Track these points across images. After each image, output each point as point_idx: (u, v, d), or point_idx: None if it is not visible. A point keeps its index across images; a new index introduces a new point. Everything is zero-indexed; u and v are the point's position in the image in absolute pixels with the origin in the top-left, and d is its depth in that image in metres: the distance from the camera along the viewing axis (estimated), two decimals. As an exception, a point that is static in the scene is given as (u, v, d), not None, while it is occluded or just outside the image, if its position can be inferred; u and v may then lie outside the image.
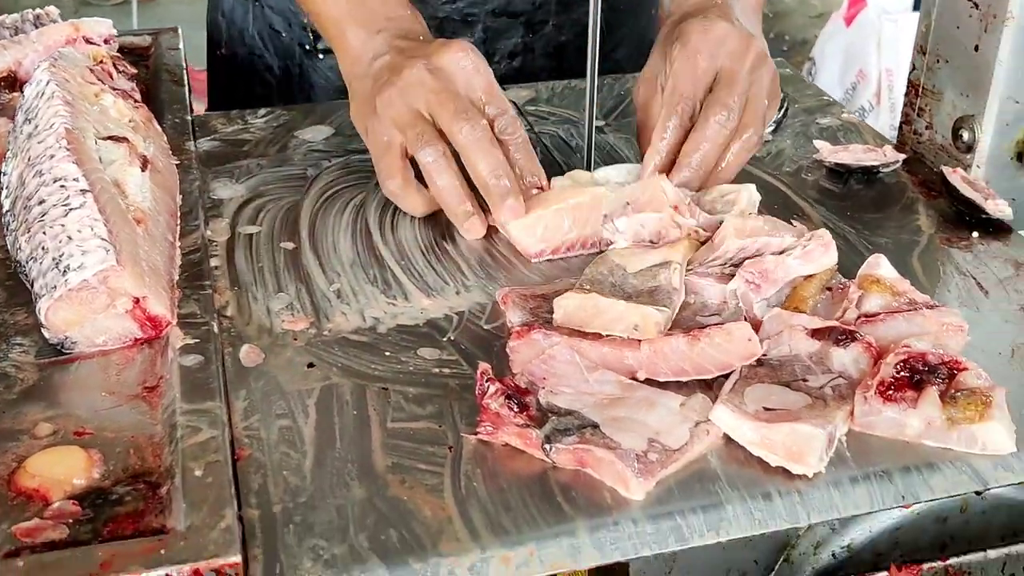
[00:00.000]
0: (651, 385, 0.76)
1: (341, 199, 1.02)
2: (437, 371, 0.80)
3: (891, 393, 0.73)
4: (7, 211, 0.88)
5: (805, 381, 0.76)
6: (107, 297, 0.79)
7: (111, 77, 1.06)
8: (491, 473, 0.70)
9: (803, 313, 0.81)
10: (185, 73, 1.24)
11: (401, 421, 0.75)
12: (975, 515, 0.78)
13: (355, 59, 1.02)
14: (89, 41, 1.12)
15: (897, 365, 0.74)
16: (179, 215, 0.94)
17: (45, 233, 0.81)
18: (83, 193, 0.82)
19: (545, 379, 0.75)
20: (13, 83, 1.07)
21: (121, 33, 1.22)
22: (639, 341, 0.77)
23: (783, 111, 1.17)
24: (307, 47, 1.32)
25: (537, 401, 0.73)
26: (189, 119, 1.12)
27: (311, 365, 0.80)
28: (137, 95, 1.07)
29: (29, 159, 0.87)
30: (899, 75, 3.45)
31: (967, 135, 1.02)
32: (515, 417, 0.70)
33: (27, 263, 0.82)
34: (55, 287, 0.78)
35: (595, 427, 0.71)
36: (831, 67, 3.68)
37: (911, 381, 0.74)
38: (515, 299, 0.85)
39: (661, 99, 1.00)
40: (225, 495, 0.65)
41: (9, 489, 0.68)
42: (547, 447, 0.69)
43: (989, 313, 0.87)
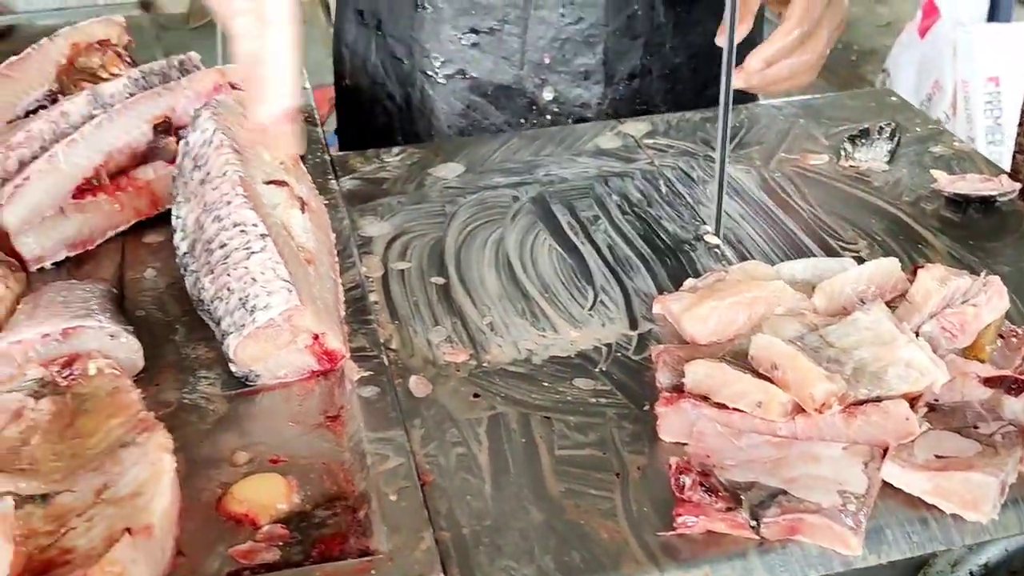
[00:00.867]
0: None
1: (481, 234, 1.08)
2: (594, 401, 0.85)
3: None
4: (185, 253, 0.94)
5: (976, 428, 0.78)
6: (290, 334, 0.85)
7: (257, 120, 1.12)
8: (659, 498, 0.75)
9: (982, 361, 0.84)
10: (316, 112, 1.31)
11: (567, 448, 0.80)
12: (1114, 534, 0.81)
13: None
14: (235, 86, 1.19)
15: None
16: (336, 253, 1.01)
17: (230, 275, 0.87)
18: (263, 237, 0.88)
19: (708, 456, 0.76)
20: (168, 128, 1.14)
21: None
22: (793, 415, 0.78)
23: (896, 141, 1.20)
24: (429, 73, 1.37)
25: (719, 480, 0.74)
26: (328, 158, 1.18)
27: (477, 395, 0.86)
28: (282, 137, 1.13)
29: (205, 205, 0.94)
30: (975, 86, 3.45)
31: (1084, 164, 1.06)
32: (716, 504, 0.72)
33: (211, 302, 0.89)
34: (243, 325, 0.85)
35: (784, 493, 0.73)
36: (906, 78, 3.68)
37: None
38: (667, 359, 0.86)
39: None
40: (421, 518, 0.71)
41: (219, 514, 0.75)
42: (755, 525, 0.71)
43: (1118, 340, 0.90)
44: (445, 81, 1.38)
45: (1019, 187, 1.10)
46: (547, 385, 0.87)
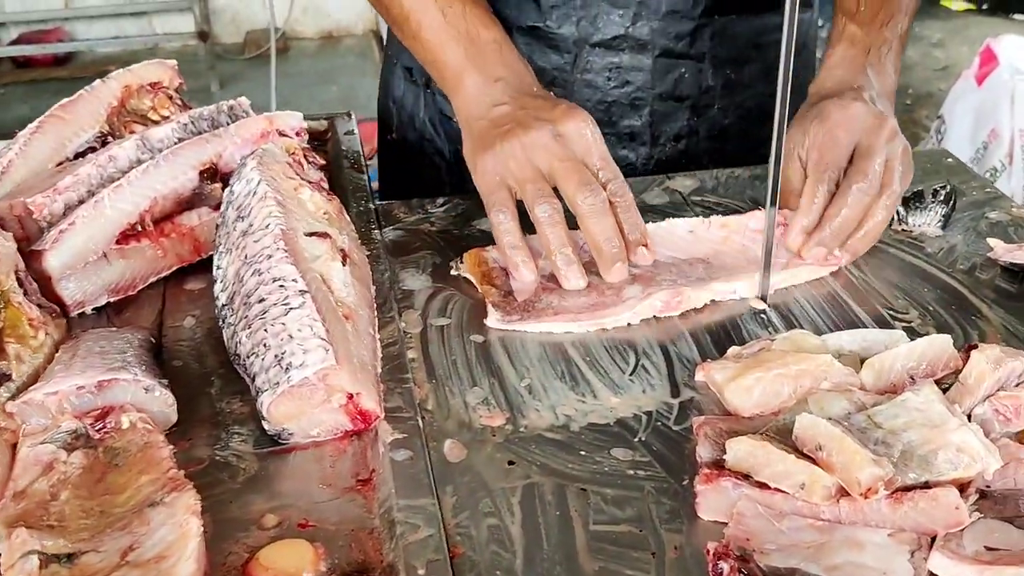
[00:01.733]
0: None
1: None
2: (632, 472, 0.83)
3: None
4: (224, 305, 0.94)
5: None
6: (324, 393, 0.84)
7: (303, 168, 1.12)
8: (695, 581, 0.73)
9: None
10: (363, 159, 1.30)
11: (603, 524, 0.78)
12: None
13: (473, 103, 1.13)
14: (282, 134, 1.19)
15: None
16: (375, 307, 1.00)
17: (267, 331, 0.86)
18: (302, 294, 0.87)
19: (748, 540, 0.74)
20: (215, 174, 1.14)
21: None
22: (838, 498, 0.75)
23: (951, 204, 1.17)
24: None
25: (759, 566, 0.72)
26: (373, 207, 1.18)
27: (511, 463, 0.84)
28: (327, 185, 1.13)
29: (246, 257, 0.93)
30: (1032, 135, 3.39)
31: None
32: None
33: (247, 358, 0.88)
34: (278, 383, 0.84)
35: None
36: (962, 126, 3.63)
37: None
38: (707, 431, 0.84)
39: (800, 169, 1.11)
40: (449, 596, 0.69)
41: (244, 579, 0.73)
42: None
43: None
44: None
45: (1079, 258, 1.07)
46: (584, 454, 0.85)
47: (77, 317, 1.03)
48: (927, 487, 0.75)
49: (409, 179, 1.47)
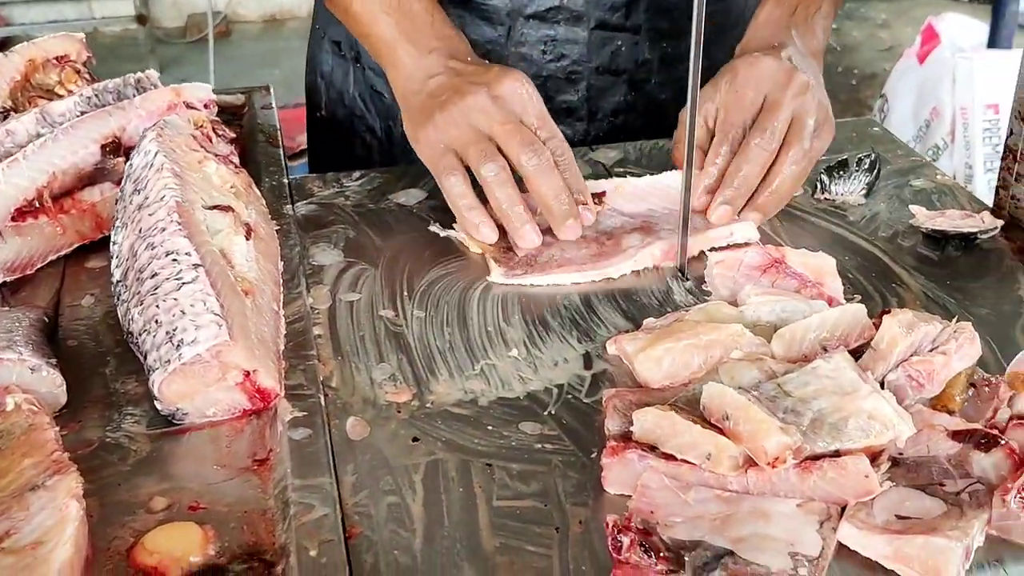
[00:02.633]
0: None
1: (436, 265, 1.03)
2: (540, 447, 0.80)
3: None
4: (119, 281, 0.90)
5: (942, 485, 0.73)
6: (219, 371, 0.81)
7: (211, 142, 1.08)
8: (599, 557, 0.70)
9: (952, 412, 0.79)
10: (279, 133, 1.26)
11: (507, 499, 0.75)
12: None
13: (408, 76, 1.12)
14: (190, 106, 1.15)
15: None
16: (281, 283, 0.96)
17: (158, 306, 0.83)
18: (195, 267, 0.84)
19: (652, 512, 0.71)
20: (117, 148, 1.10)
21: (215, 92, 1.25)
22: (745, 469, 0.73)
23: (875, 173, 1.16)
24: None
25: (662, 539, 0.69)
26: (286, 182, 1.14)
27: (416, 439, 0.81)
28: (236, 159, 1.09)
29: (140, 231, 0.89)
30: (973, 113, 3.41)
31: (1069, 202, 1.01)
32: (656, 565, 0.67)
33: (140, 335, 0.84)
34: (169, 361, 0.80)
35: (731, 554, 0.68)
36: (904, 104, 3.64)
37: None
38: (617, 404, 0.81)
39: (708, 129, 1.11)
40: (340, 577, 0.66)
41: (128, 565, 0.70)
42: None
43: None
44: None
45: (1001, 224, 1.06)
46: (491, 429, 0.82)
47: (-30, 297, 0.99)
48: (837, 455, 0.73)
49: (339, 158, 1.43)
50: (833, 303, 0.93)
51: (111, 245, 0.94)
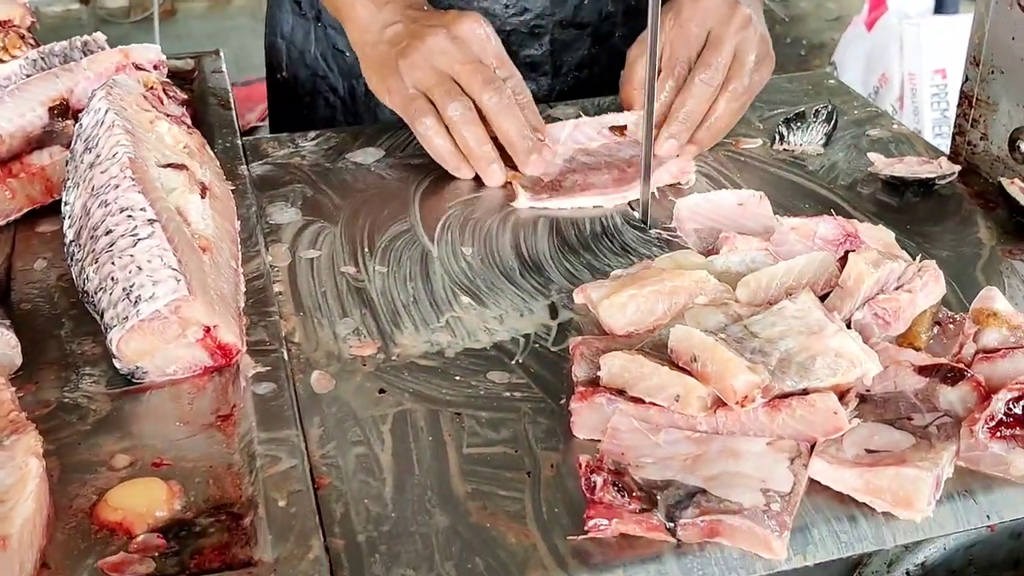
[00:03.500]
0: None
1: (398, 221, 1.02)
2: (508, 395, 0.80)
3: (1001, 430, 0.71)
4: (71, 241, 0.88)
5: (910, 420, 0.74)
6: (178, 327, 0.79)
7: (162, 103, 1.06)
8: (572, 499, 0.70)
9: (918, 349, 0.79)
10: (231, 96, 1.24)
11: (477, 446, 0.75)
12: (1053, 532, 0.78)
13: (365, 28, 1.14)
14: (139, 67, 1.13)
15: (1010, 402, 0.72)
16: (239, 241, 0.95)
17: (114, 263, 0.81)
18: (151, 223, 0.82)
19: (623, 454, 0.71)
20: (66, 111, 1.07)
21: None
22: (715, 409, 0.73)
23: (833, 123, 1.16)
24: None
25: (634, 480, 0.69)
26: (240, 143, 1.12)
27: (383, 391, 0.80)
28: (188, 120, 1.07)
29: (93, 189, 0.87)
30: (921, 79, 3.45)
31: (1024, 145, 1.02)
32: (630, 504, 0.66)
33: (96, 294, 0.82)
34: (126, 317, 0.78)
35: (703, 492, 0.68)
36: (853, 72, 3.67)
37: None
38: (583, 351, 0.80)
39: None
40: (310, 525, 0.65)
41: (92, 522, 0.68)
42: (671, 527, 0.66)
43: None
44: None
45: (959, 169, 1.06)
46: (459, 379, 0.81)
47: (-83, 265, 0.96)
48: (805, 394, 0.73)
49: (301, 119, 1.40)
50: None
51: (63, 206, 0.91)
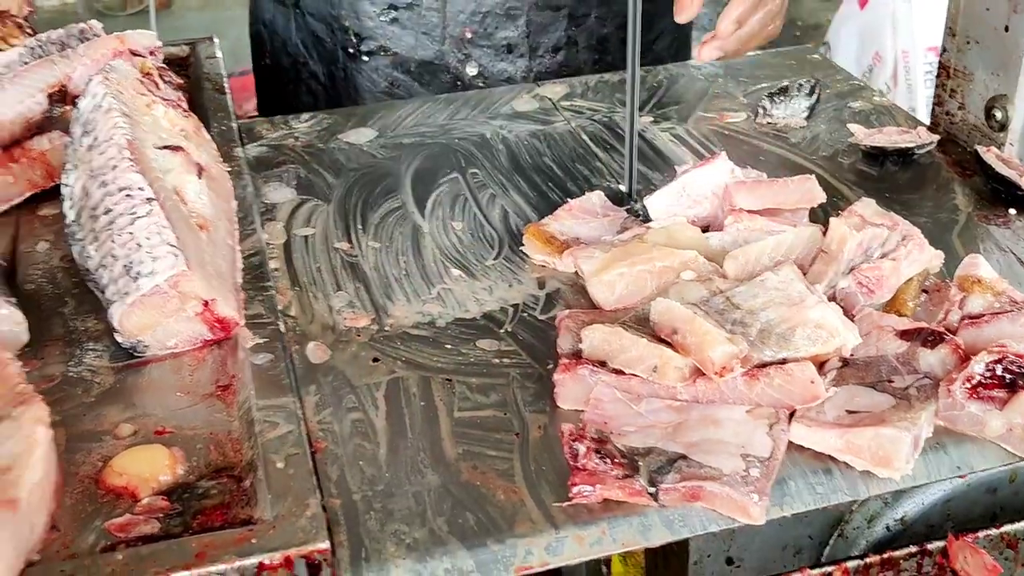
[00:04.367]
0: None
1: (389, 199, 1.05)
2: (497, 361, 0.82)
3: (980, 391, 0.73)
4: (72, 222, 0.90)
5: (891, 382, 0.76)
6: (178, 301, 0.82)
7: (158, 88, 1.08)
8: (559, 459, 0.72)
9: (905, 316, 0.81)
10: (226, 81, 1.26)
11: (467, 410, 0.77)
12: (1024, 484, 0.80)
13: None
14: (135, 53, 1.15)
15: (990, 364, 0.74)
16: (236, 220, 0.97)
17: (114, 241, 0.83)
18: (149, 201, 0.84)
19: (605, 423, 0.73)
20: (64, 97, 1.09)
21: (160, 44, 1.24)
22: (694, 379, 0.75)
23: (815, 97, 1.19)
24: (350, 51, 1.34)
25: (616, 447, 0.71)
26: (235, 126, 1.14)
27: (376, 360, 0.83)
28: (185, 104, 1.09)
29: (92, 171, 0.90)
30: (915, 56, 3.45)
31: (1000, 114, 1.04)
32: (612, 470, 0.69)
33: (97, 271, 0.85)
34: (127, 293, 0.81)
35: (684, 458, 0.70)
36: (847, 50, 3.68)
37: (1004, 382, 0.74)
38: (569, 324, 0.83)
39: None
40: (308, 485, 0.68)
41: (98, 487, 0.71)
42: (653, 492, 0.68)
43: (1032, 287, 0.89)
44: (367, 58, 1.35)
45: (937, 139, 1.09)
46: (450, 347, 0.84)
47: (-77, 248, 0.99)
48: (784, 363, 0.75)
49: (286, 105, 1.43)
50: None
51: (62, 187, 0.94)
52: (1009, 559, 0.78)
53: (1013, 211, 0.99)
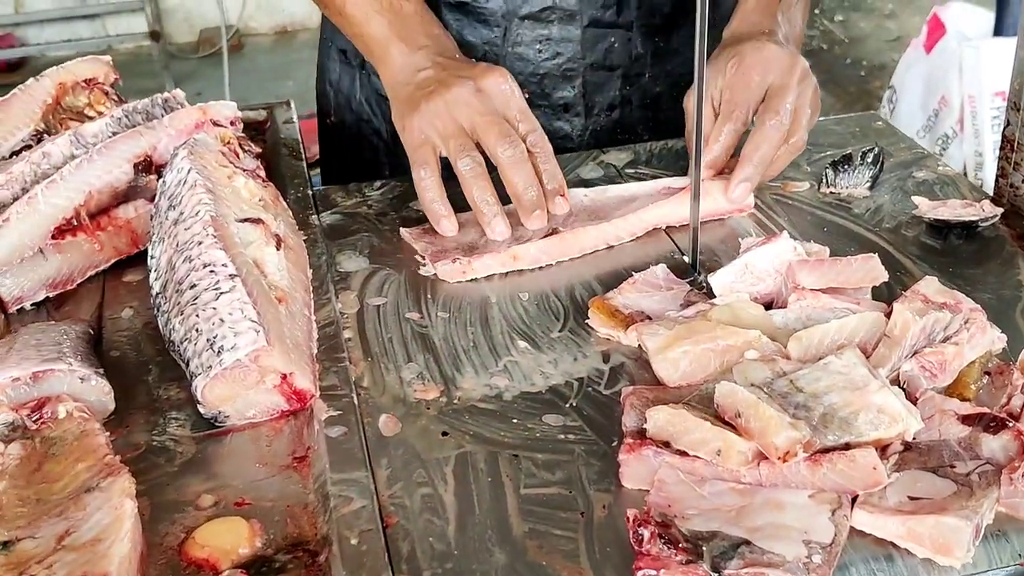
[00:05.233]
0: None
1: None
2: (563, 437, 0.85)
3: None
4: (158, 293, 0.95)
5: (953, 467, 0.77)
6: (258, 374, 0.85)
7: (238, 157, 1.13)
8: (623, 539, 0.74)
9: (967, 399, 0.82)
10: (302, 147, 1.31)
11: (533, 487, 0.80)
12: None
13: (399, 70, 1.20)
14: (216, 123, 1.19)
15: None
16: (312, 289, 1.01)
17: (198, 316, 0.87)
18: (232, 278, 0.88)
19: (670, 505, 0.75)
20: (149, 166, 1.14)
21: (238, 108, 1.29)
22: (757, 463, 0.76)
23: (879, 166, 1.20)
24: None
25: (680, 531, 0.72)
26: (311, 193, 1.19)
27: (445, 434, 0.85)
28: (263, 173, 1.14)
29: (177, 245, 0.94)
30: (981, 101, 3.43)
31: (1065, 188, 1.05)
32: (676, 556, 0.70)
33: (181, 343, 0.89)
34: (210, 366, 0.85)
35: (747, 543, 0.71)
36: (912, 95, 3.66)
37: None
38: (634, 401, 0.84)
39: (712, 109, 1.16)
40: (380, 563, 0.71)
41: (181, 559, 0.74)
42: None
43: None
44: None
45: (1001, 212, 1.09)
46: (516, 422, 0.87)
47: (16, 313, 1.04)
48: (847, 448, 0.76)
49: (349, 162, 1.48)
50: None
51: (149, 259, 0.99)
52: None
53: (1079, 287, 0.99)
